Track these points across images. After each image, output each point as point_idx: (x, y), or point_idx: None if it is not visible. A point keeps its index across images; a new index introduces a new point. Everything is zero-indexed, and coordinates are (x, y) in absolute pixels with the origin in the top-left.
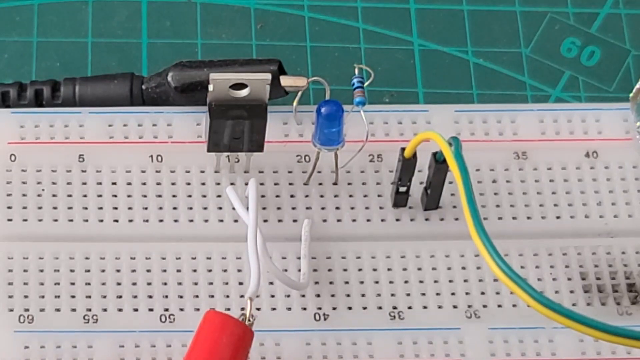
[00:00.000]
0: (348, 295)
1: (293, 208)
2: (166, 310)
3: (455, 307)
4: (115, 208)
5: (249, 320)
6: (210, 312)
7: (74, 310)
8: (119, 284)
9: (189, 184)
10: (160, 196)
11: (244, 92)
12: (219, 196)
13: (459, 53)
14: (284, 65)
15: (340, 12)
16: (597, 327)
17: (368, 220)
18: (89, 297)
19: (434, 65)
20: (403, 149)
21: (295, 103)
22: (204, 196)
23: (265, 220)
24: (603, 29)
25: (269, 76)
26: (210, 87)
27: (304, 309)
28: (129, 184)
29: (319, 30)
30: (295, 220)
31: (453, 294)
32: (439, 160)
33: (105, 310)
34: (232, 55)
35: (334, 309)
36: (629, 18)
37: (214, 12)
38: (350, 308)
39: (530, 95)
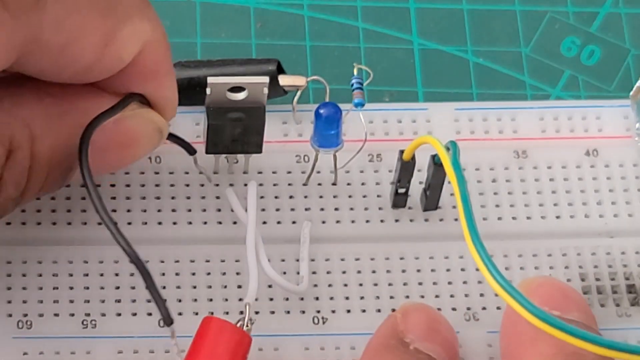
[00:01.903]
0: (347, 298)
1: (292, 209)
2: None
3: (454, 309)
4: (114, 210)
5: (247, 325)
6: (208, 318)
7: (72, 315)
8: (117, 288)
9: (187, 185)
10: (158, 198)
11: (241, 95)
12: (217, 197)
13: (459, 52)
14: (284, 65)
15: (339, 11)
16: (592, 341)
17: (367, 221)
18: (88, 301)
19: (433, 65)
20: (402, 152)
21: (294, 102)
22: (203, 198)
23: (264, 222)
24: (603, 28)
25: (266, 79)
26: (208, 91)
27: (303, 312)
28: (128, 185)
29: (318, 29)
30: (294, 222)
31: (452, 296)
32: (437, 163)
33: (104, 315)
34: (231, 54)
35: (333, 312)
36: (628, 17)
37: (213, 11)
38: (349, 311)
39: (530, 94)
